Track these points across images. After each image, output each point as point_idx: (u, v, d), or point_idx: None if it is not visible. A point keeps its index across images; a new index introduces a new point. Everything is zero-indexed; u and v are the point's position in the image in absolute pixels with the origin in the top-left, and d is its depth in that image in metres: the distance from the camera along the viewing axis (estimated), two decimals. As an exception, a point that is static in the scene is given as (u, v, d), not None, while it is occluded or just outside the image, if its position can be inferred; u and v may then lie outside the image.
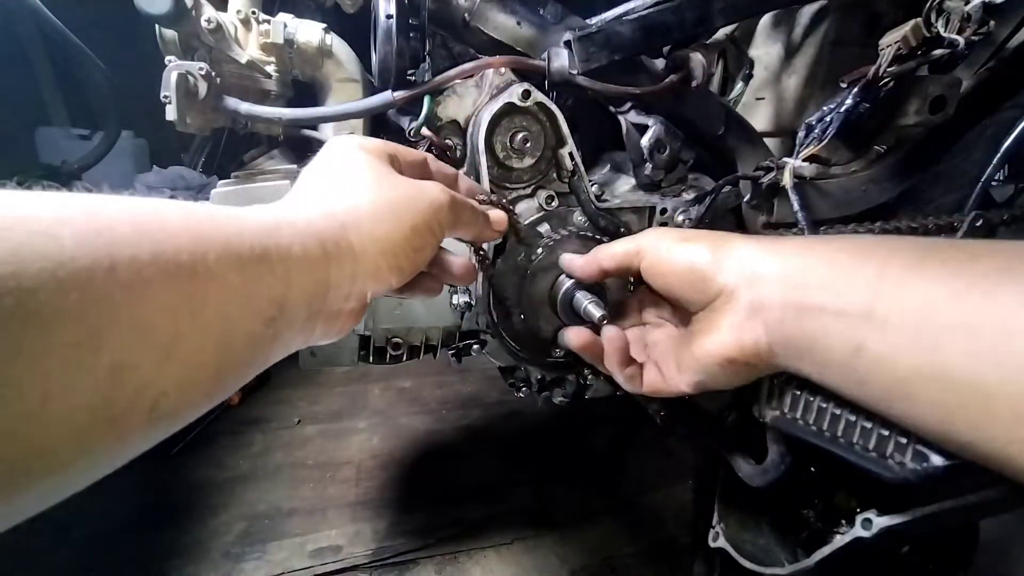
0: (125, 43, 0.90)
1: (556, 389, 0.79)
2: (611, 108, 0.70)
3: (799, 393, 0.41)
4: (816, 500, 0.54)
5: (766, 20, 0.83)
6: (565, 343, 0.54)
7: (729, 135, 0.73)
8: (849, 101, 0.63)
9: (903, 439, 0.34)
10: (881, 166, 0.74)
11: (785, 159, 0.70)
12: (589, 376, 0.77)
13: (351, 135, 0.41)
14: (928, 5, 0.57)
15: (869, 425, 0.36)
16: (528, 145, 0.63)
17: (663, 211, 0.70)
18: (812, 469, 0.54)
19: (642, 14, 0.61)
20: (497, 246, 0.64)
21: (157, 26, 0.68)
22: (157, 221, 0.23)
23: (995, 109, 0.71)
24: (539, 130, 0.63)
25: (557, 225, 0.64)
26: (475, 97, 0.64)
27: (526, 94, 0.60)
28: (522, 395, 0.80)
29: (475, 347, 0.75)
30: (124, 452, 0.22)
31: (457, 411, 1.47)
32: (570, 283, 0.61)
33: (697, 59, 0.65)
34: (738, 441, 0.55)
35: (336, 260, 0.31)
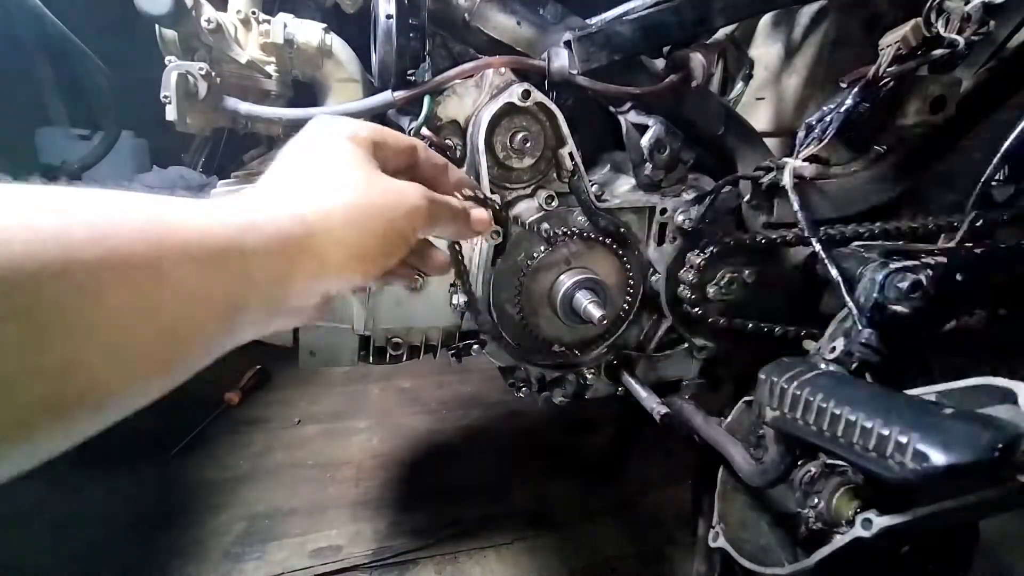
0: (125, 43, 0.89)
1: (556, 389, 0.79)
2: (611, 108, 0.70)
3: (799, 393, 0.41)
4: (816, 500, 0.54)
5: (766, 20, 0.83)
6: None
7: (729, 135, 0.73)
8: (849, 101, 0.63)
9: (903, 439, 0.34)
10: (881, 166, 0.74)
11: (785, 159, 0.70)
12: (589, 376, 0.77)
13: (341, 117, 0.40)
14: (928, 5, 0.57)
15: (869, 425, 0.36)
16: (528, 145, 0.63)
17: (663, 211, 0.70)
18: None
19: (642, 14, 0.61)
20: (497, 246, 0.64)
21: (157, 26, 0.68)
22: (113, 224, 0.22)
23: (995, 109, 0.72)
24: (539, 130, 0.63)
25: (557, 225, 0.64)
26: (475, 97, 0.64)
27: (526, 94, 0.60)
28: (522, 395, 0.81)
29: (475, 347, 0.75)
30: (69, 439, 0.23)
31: (457, 411, 1.46)
32: (570, 283, 0.61)
33: (697, 59, 0.65)
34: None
35: (301, 265, 0.30)
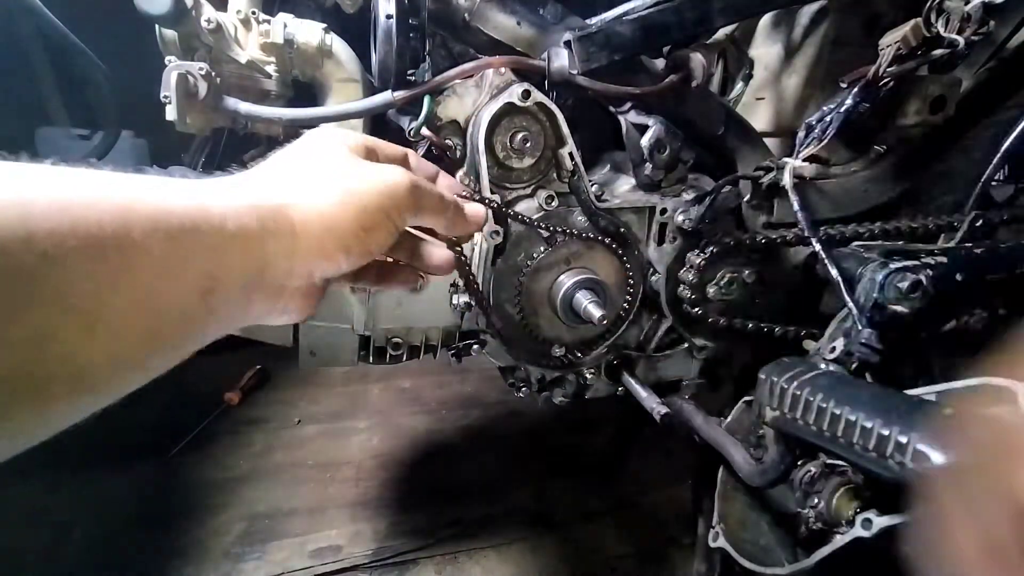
0: (125, 43, 0.89)
1: (556, 389, 0.79)
2: (611, 108, 0.70)
3: (799, 393, 0.41)
4: (816, 500, 0.54)
5: (766, 20, 0.83)
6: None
7: (729, 135, 0.73)
8: (849, 101, 0.63)
9: (903, 439, 0.34)
10: (881, 166, 0.74)
11: (785, 159, 0.70)
12: (589, 376, 0.77)
13: (332, 127, 0.40)
14: (928, 5, 0.57)
15: (869, 425, 0.36)
16: (528, 145, 0.63)
17: (663, 211, 0.70)
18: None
19: (642, 14, 0.61)
20: (497, 246, 0.64)
21: (157, 26, 0.68)
22: (78, 194, 0.22)
23: (995, 109, 0.71)
24: (539, 130, 0.63)
25: (557, 225, 0.64)
26: (475, 97, 0.64)
27: (526, 94, 0.60)
28: (522, 395, 0.81)
29: (475, 347, 0.75)
30: (48, 422, 0.22)
31: (457, 411, 1.47)
32: (570, 283, 0.61)
33: (697, 59, 0.65)
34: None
35: (272, 234, 0.30)
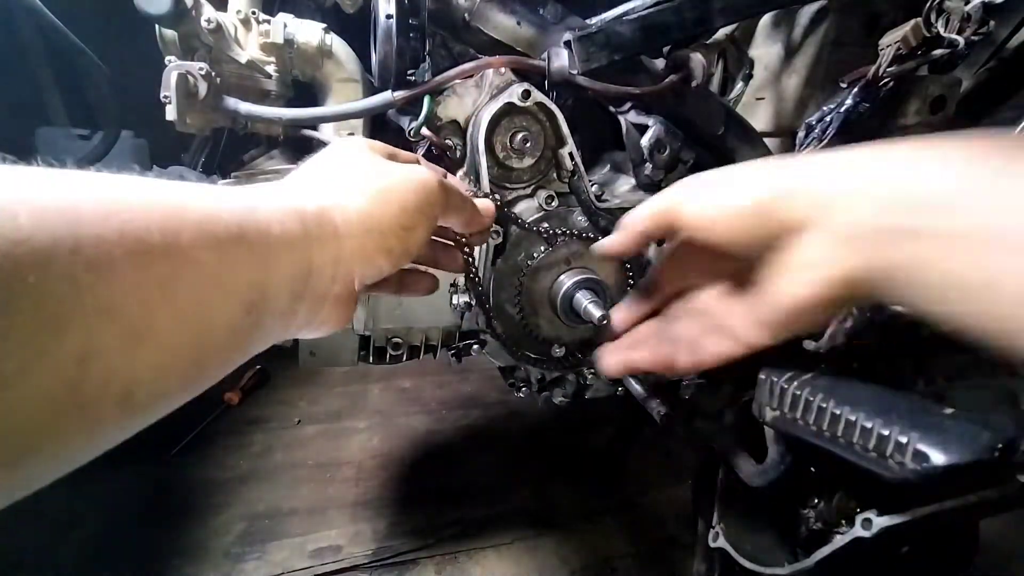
0: (125, 43, 0.89)
1: (556, 389, 0.79)
2: (611, 108, 0.70)
3: (799, 393, 0.41)
4: (816, 500, 0.54)
5: (766, 20, 0.83)
6: (603, 371, 0.45)
7: (729, 135, 0.73)
8: (849, 101, 0.63)
9: (903, 439, 0.34)
10: (881, 166, 0.74)
11: (785, 159, 0.70)
12: (589, 376, 0.77)
13: (353, 136, 0.42)
14: (928, 5, 0.57)
15: (869, 425, 0.36)
16: (528, 145, 0.63)
17: (663, 211, 0.70)
18: (812, 469, 0.54)
19: (642, 14, 0.61)
20: (497, 246, 0.64)
21: (157, 26, 0.68)
22: (125, 199, 0.21)
23: (995, 109, 0.72)
24: (539, 130, 0.63)
25: (557, 225, 0.64)
26: (475, 97, 0.64)
27: (526, 94, 0.60)
28: (522, 395, 0.81)
29: (475, 347, 0.75)
30: (97, 441, 0.21)
31: (457, 411, 1.46)
32: (570, 283, 0.61)
33: (697, 59, 0.65)
34: (738, 440, 0.55)
35: (318, 240, 0.29)
